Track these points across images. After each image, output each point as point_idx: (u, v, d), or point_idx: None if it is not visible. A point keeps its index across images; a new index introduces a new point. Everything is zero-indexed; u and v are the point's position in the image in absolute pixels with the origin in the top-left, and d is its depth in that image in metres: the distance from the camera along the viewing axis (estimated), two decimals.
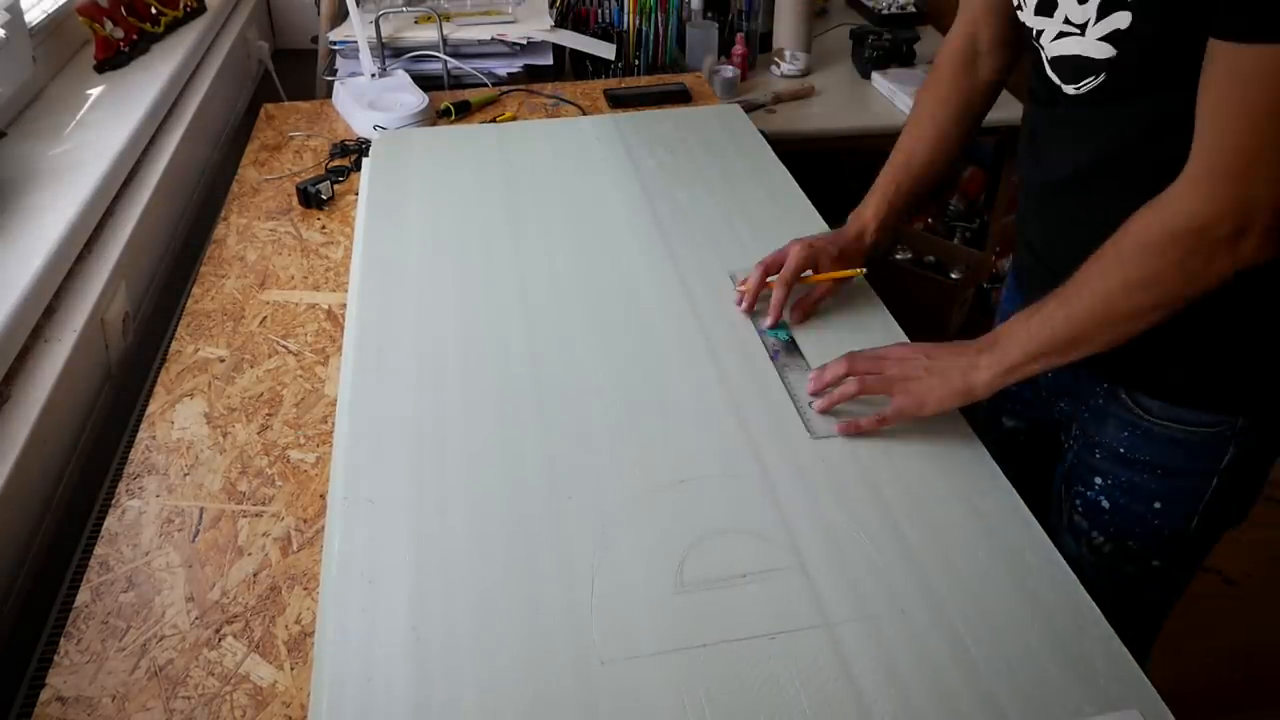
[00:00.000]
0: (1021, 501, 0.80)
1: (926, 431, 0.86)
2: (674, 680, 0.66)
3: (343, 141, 1.44)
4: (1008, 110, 1.39)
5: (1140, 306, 0.72)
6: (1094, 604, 0.71)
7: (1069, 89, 0.77)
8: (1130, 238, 0.72)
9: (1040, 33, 0.78)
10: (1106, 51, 0.72)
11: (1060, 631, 0.69)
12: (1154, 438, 0.84)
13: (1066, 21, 0.75)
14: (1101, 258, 0.73)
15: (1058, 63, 0.78)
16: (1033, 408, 1.02)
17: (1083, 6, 0.73)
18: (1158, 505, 0.86)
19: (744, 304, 0.99)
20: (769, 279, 0.99)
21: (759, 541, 0.76)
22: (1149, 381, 0.83)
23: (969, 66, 0.97)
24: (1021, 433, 1.06)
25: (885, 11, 2.09)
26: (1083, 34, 0.74)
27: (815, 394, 0.87)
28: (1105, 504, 0.90)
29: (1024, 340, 0.77)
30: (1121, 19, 0.70)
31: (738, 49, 1.86)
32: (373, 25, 1.62)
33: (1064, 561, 0.74)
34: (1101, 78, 0.74)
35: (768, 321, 0.98)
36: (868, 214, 1.02)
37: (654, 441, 0.86)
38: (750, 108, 1.71)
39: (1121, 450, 0.87)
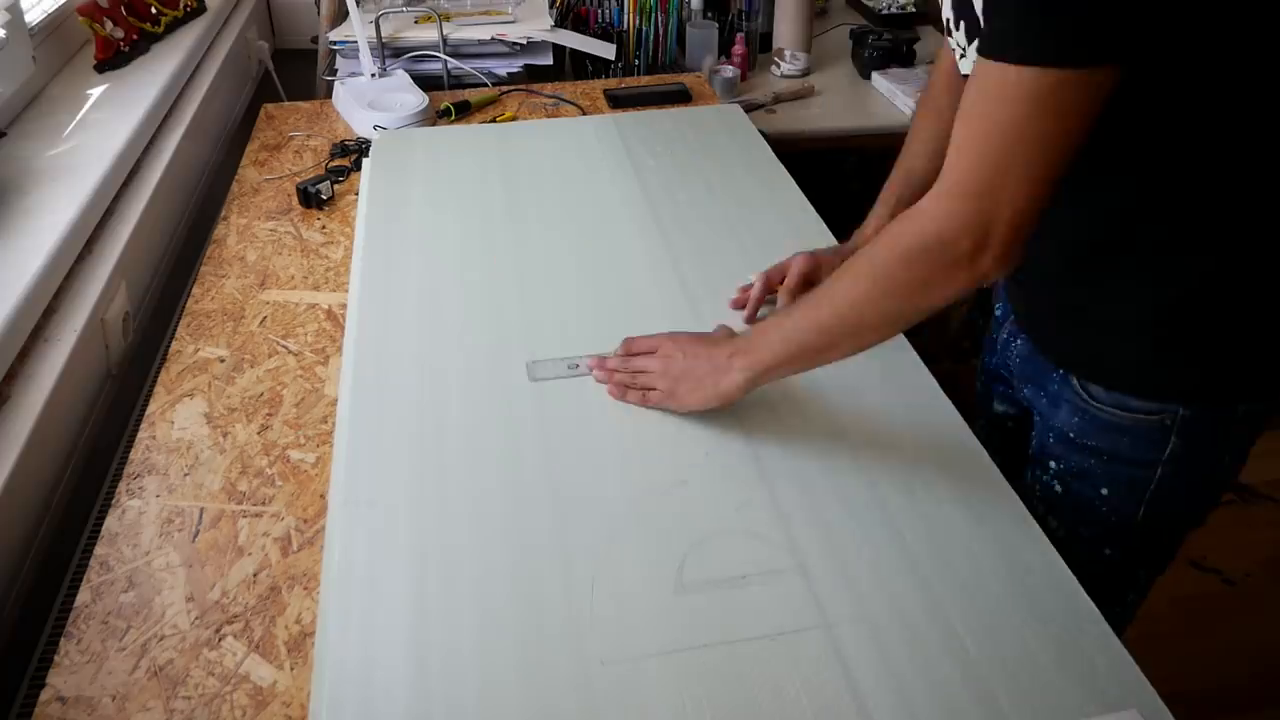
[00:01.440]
0: (1021, 502, 0.80)
1: (926, 432, 0.86)
2: (674, 681, 0.66)
3: (343, 141, 1.44)
4: None
5: (886, 315, 0.75)
6: (1094, 604, 0.71)
7: None
8: (883, 247, 0.74)
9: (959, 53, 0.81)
10: None
11: (1060, 631, 0.69)
12: (1100, 423, 0.86)
13: (958, 44, 0.78)
14: (854, 266, 0.75)
15: None
16: (1017, 393, 1.03)
17: (958, 33, 0.76)
18: (1105, 492, 0.88)
19: (746, 313, 1.00)
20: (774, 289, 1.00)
21: (759, 542, 0.76)
22: (1094, 367, 0.85)
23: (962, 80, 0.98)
24: (1010, 418, 1.07)
25: (885, 11, 2.09)
26: (964, 56, 0.77)
27: (599, 379, 0.91)
28: (1058, 489, 0.91)
29: (776, 345, 0.80)
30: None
31: (738, 49, 1.86)
32: (373, 25, 1.62)
33: (1064, 561, 0.74)
34: None
35: None
36: (869, 229, 1.03)
37: (654, 441, 0.86)
38: (750, 108, 1.71)
39: (1071, 435, 0.88)
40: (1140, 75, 0.65)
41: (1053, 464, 0.92)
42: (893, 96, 1.79)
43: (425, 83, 1.60)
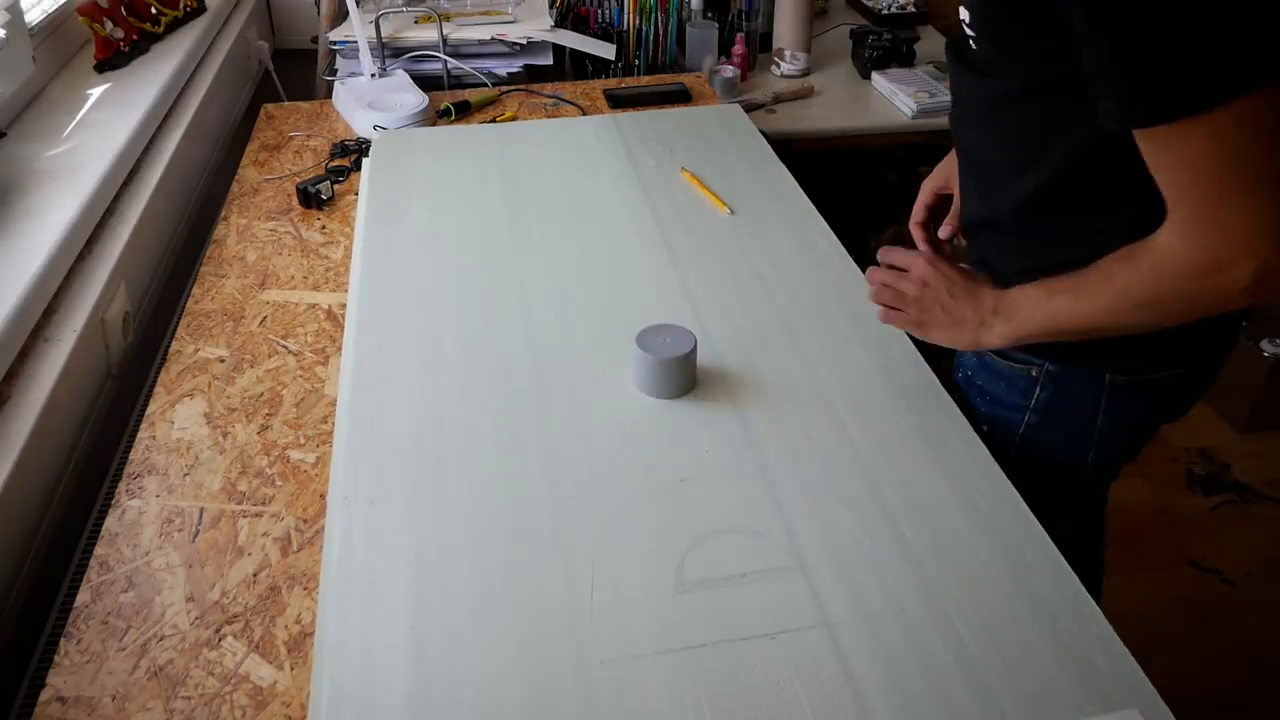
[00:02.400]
0: (1022, 501, 0.80)
1: (927, 431, 0.86)
2: (674, 680, 0.66)
3: (343, 141, 1.44)
4: None
5: (1145, 324, 0.75)
6: (1094, 604, 0.71)
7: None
8: (1147, 271, 0.72)
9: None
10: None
11: (1060, 631, 0.69)
12: (985, 367, 0.93)
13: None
14: (1116, 275, 0.74)
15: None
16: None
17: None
18: (985, 429, 0.92)
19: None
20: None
21: (759, 541, 0.76)
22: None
23: None
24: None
25: (885, 11, 2.09)
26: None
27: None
28: (968, 418, 0.93)
29: (1037, 322, 0.80)
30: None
31: (738, 49, 1.86)
32: (373, 25, 1.62)
33: (1064, 561, 0.74)
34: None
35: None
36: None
37: (654, 441, 0.86)
38: (750, 108, 1.71)
39: (970, 373, 0.96)
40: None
41: (958, 395, 0.96)
42: (892, 96, 1.79)
43: (425, 83, 1.60)
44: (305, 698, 0.68)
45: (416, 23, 1.73)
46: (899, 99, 1.77)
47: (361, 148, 1.41)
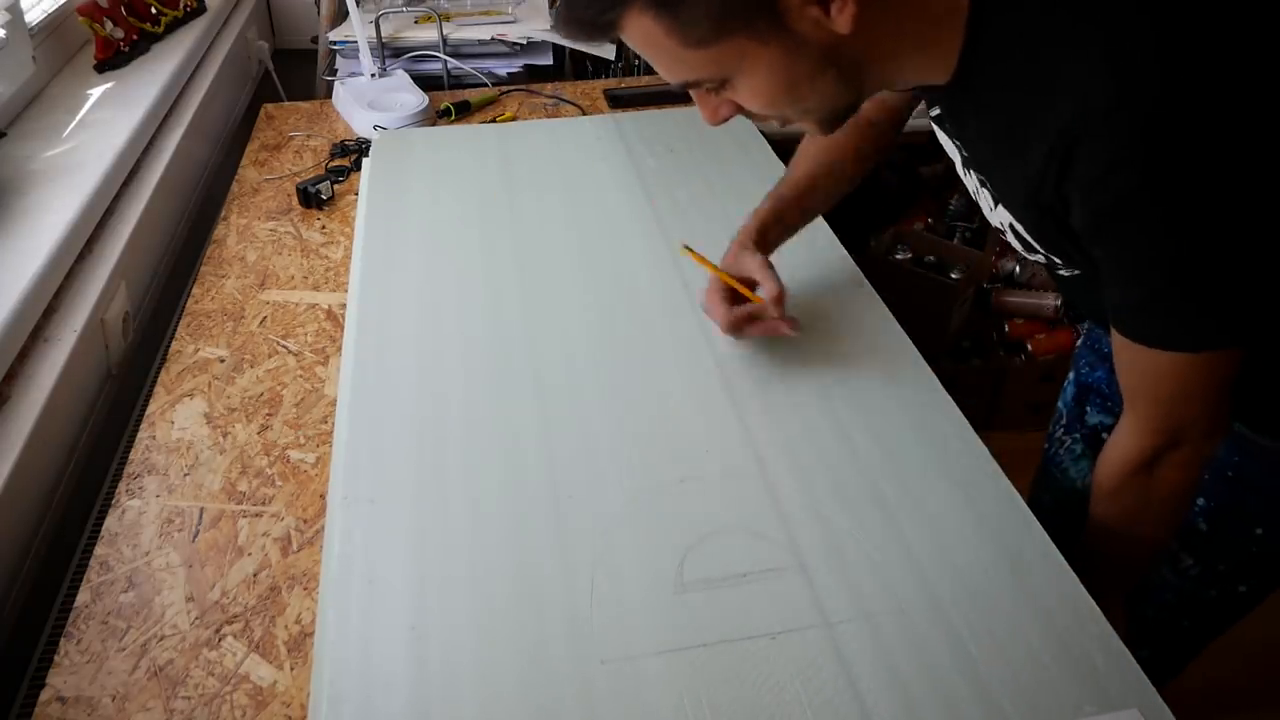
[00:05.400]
0: (1022, 501, 0.80)
1: (927, 431, 0.86)
2: (674, 680, 0.66)
3: (343, 141, 1.44)
4: None
5: (1156, 540, 0.79)
6: (1094, 604, 0.71)
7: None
8: (1115, 506, 0.77)
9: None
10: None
11: (1060, 631, 0.69)
12: (1268, 464, 0.83)
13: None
14: (1100, 530, 0.79)
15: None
16: (1115, 397, 0.97)
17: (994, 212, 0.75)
18: (1259, 531, 0.85)
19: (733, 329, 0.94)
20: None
21: (759, 541, 0.76)
22: (1257, 417, 0.82)
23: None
24: (1106, 428, 1.02)
25: None
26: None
27: None
28: (1203, 527, 0.88)
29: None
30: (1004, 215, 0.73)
31: None
32: (373, 25, 1.62)
33: (1064, 561, 0.74)
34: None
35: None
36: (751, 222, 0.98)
37: (654, 440, 0.86)
38: None
39: (1230, 474, 0.85)
40: None
41: (1200, 502, 0.87)
42: None
43: (425, 83, 1.60)
44: (305, 698, 0.68)
45: (416, 23, 1.73)
46: None
47: (361, 148, 1.41)
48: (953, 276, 1.92)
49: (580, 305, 1.04)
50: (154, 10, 1.48)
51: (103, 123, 1.23)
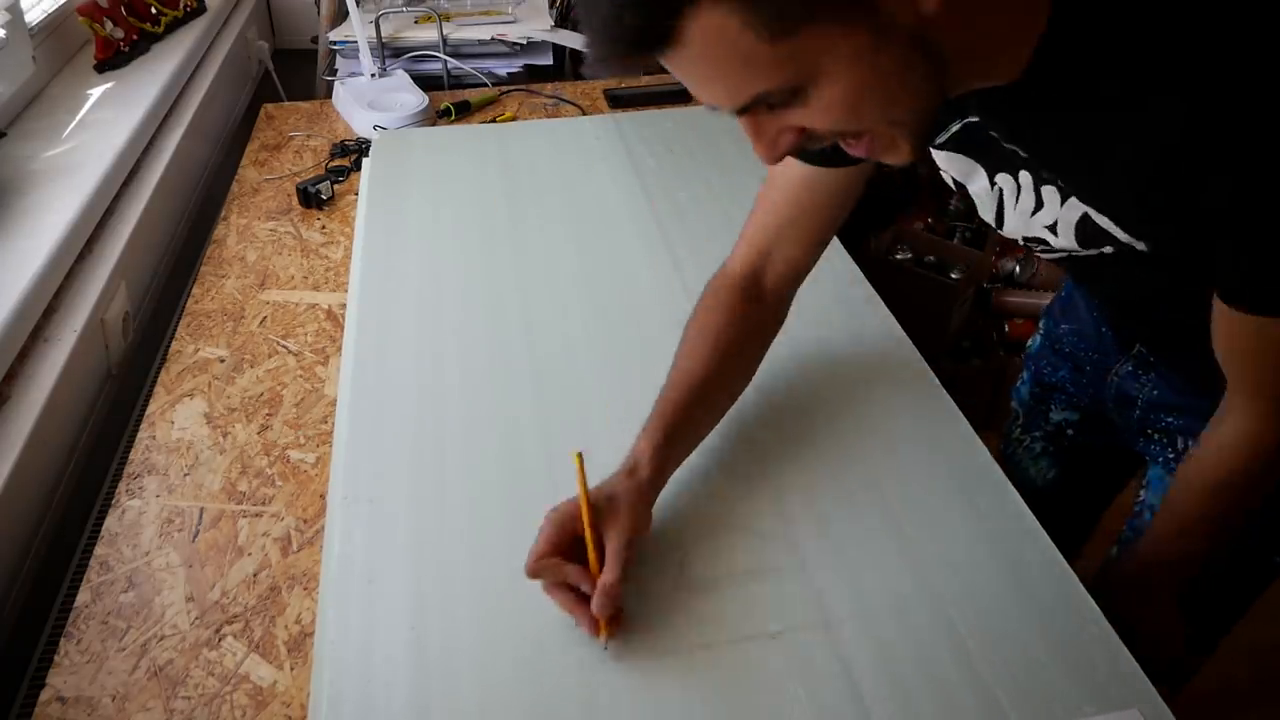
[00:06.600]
0: (1022, 501, 0.80)
1: (927, 432, 0.86)
2: (675, 680, 0.66)
3: (343, 141, 1.44)
4: None
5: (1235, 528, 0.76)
6: (1094, 604, 0.71)
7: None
8: (1220, 501, 0.74)
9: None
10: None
11: (1060, 631, 0.69)
12: None
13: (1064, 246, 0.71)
14: (1189, 520, 0.76)
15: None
16: (1081, 394, 0.98)
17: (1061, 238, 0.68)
18: None
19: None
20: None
21: (759, 540, 0.76)
22: None
23: (752, 298, 0.86)
24: (1071, 424, 1.02)
25: None
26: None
27: None
28: None
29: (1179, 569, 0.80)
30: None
31: None
32: (373, 25, 1.62)
33: (1064, 561, 0.74)
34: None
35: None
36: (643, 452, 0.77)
37: None
38: None
39: None
40: None
41: None
42: None
43: (425, 83, 1.60)
44: (305, 698, 0.68)
45: (416, 23, 1.72)
46: None
47: (361, 148, 1.41)
48: (953, 276, 1.92)
49: (580, 306, 1.04)
50: (154, 10, 1.48)
51: (103, 123, 1.23)
